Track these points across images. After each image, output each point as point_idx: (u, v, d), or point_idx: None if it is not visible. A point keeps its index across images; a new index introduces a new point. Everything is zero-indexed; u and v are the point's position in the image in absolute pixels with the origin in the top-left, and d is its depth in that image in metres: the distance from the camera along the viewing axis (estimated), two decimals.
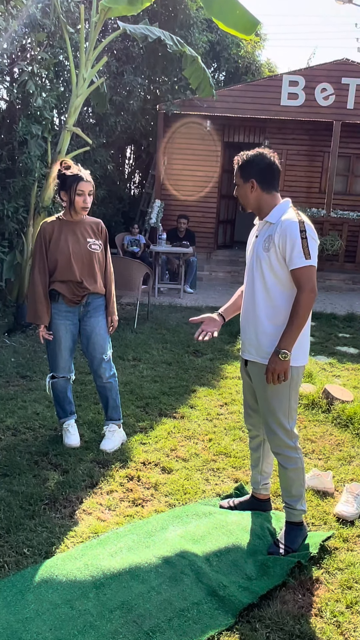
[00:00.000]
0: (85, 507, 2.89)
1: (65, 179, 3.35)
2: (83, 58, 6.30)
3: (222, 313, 2.89)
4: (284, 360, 2.48)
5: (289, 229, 2.48)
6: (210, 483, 3.24)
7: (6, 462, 3.28)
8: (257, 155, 2.62)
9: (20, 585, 2.26)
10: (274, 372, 2.50)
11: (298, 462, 2.66)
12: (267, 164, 2.61)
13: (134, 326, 6.68)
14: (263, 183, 2.61)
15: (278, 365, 2.48)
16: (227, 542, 2.63)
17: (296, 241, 2.46)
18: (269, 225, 2.59)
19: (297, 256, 2.45)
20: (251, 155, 2.63)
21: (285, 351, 2.47)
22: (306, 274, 2.46)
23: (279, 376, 2.50)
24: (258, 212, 2.66)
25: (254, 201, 2.64)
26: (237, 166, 2.67)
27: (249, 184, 2.62)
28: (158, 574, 2.37)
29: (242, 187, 2.65)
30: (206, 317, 2.85)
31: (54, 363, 3.54)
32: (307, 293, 2.46)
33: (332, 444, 3.85)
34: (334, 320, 7.73)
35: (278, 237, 2.51)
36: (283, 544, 2.63)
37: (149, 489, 3.12)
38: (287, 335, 2.48)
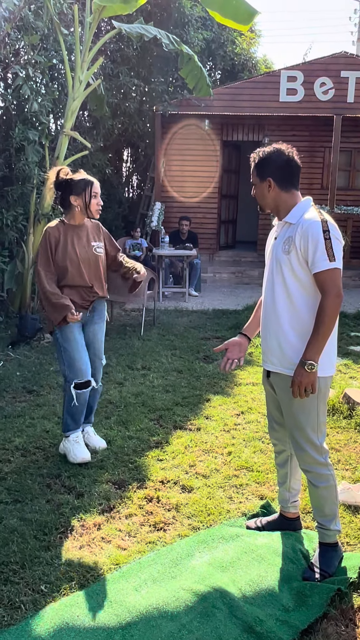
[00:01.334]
0: (103, 534, 2.71)
1: (76, 183, 3.36)
2: (78, 60, 6.13)
3: (246, 333, 2.70)
4: (311, 372, 2.29)
5: (310, 229, 2.30)
6: (234, 501, 3.05)
7: (17, 486, 3.10)
8: (274, 152, 2.44)
9: (39, 629, 2.08)
10: (301, 385, 2.31)
11: (330, 479, 2.47)
12: (285, 161, 2.43)
13: (141, 333, 6.50)
14: (281, 181, 2.42)
15: (304, 377, 2.30)
16: (259, 569, 2.44)
17: (319, 242, 2.27)
18: (289, 225, 2.41)
19: (321, 258, 2.27)
20: (268, 152, 2.45)
21: (312, 362, 2.28)
22: (331, 278, 2.27)
23: (306, 389, 2.32)
24: (277, 212, 2.48)
25: (272, 201, 2.46)
26: (254, 164, 2.48)
27: (266, 182, 2.43)
28: (188, 609, 2.18)
29: (259, 186, 2.47)
30: (230, 342, 2.66)
31: (74, 367, 3.37)
32: (333, 298, 2.27)
33: (358, 452, 3.66)
34: (344, 318, 7.54)
35: (299, 238, 2.32)
36: (319, 568, 2.44)
37: (170, 511, 2.93)
38: (312, 344, 2.29)
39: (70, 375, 3.39)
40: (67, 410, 3.45)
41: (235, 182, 12.20)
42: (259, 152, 2.48)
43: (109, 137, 9.59)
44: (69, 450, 3.41)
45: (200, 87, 7.19)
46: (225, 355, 2.65)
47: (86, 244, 3.42)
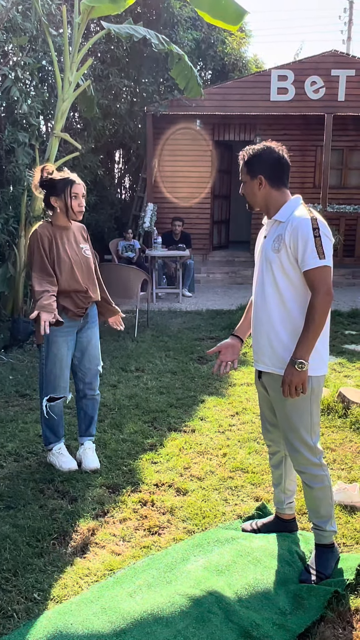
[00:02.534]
0: (97, 539, 2.67)
1: (55, 183, 3.19)
2: (67, 61, 6.09)
3: (237, 334, 2.67)
4: (301, 371, 2.26)
5: (300, 227, 2.27)
6: (229, 503, 3.02)
7: (9, 492, 3.06)
8: (265, 150, 2.41)
9: (33, 638, 2.04)
10: (291, 385, 2.28)
11: (325, 480, 2.45)
12: (276, 159, 2.41)
13: (135, 335, 6.46)
14: (272, 179, 2.40)
15: (295, 376, 2.27)
16: (255, 572, 2.41)
17: (309, 240, 2.25)
18: (279, 224, 2.38)
19: (311, 256, 2.24)
20: (258, 150, 2.42)
21: (302, 361, 2.25)
22: (321, 275, 2.25)
23: (297, 388, 2.29)
24: (266, 210, 2.45)
25: (262, 199, 2.43)
26: (243, 162, 2.44)
27: (257, 180, 2.40)
28: (183, 614, 2.15)
29: (249, 184, 2.43)
30: (222, 345, 2.63)
31: (54, 384, 3.30)
32: (323, 296, 2.24)
33: (354, 451, 3.64)
34: (338, 317, 7.53)
35: (289, 236, 2.30)
36: (315, 570, 2.42)
37: (165, 515, 2.90)
38: (302, 343, 2.26)
39: (48, 390, 3.31)
40: (44, 422, 3.38)
41: (227, 182, 12.19)
42: (248, 150, 2.45)
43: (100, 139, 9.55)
44: (54, 462, 3.37)
45: (191, 87, 7.17)
46: (219, 358, 2.62)
47: (75, 246, 3.30)
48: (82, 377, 3.44)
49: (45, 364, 3.30)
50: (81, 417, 3.49)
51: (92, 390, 3.46)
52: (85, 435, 3.48)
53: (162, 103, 9.93)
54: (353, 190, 11.21)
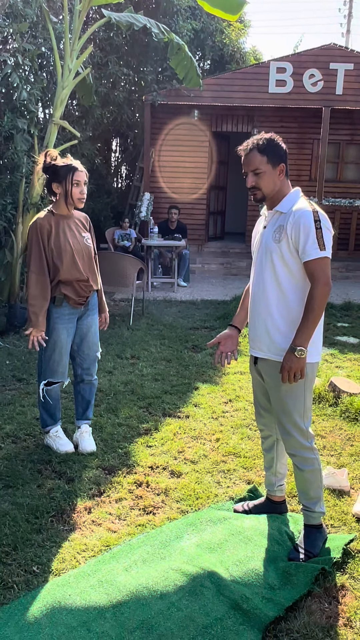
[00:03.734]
0: (94, 517, 2.76)
1: (57, 169, 3.19)
2: (68, 48, 6.10)
3: (235, 324, 2.74)
4: (300, 358, 2.35)
5: (302, 219, 2.34)
6: (222, 486, 3.12)
7: (8, 472, 3.14)
8: (276, 139, 2.44)
9: (32, 607, 2.13)
10: (290, 371, 2.37)
11: (315, 463, 2.54)
12: (285, 149, 2.47)
13: (130, 323, 6.53)
14: (286, 169, 2.45)
15: (294, 363, 2.36)
16: (246, 550, 2.51)
17: (310, 231, 2.32)
18: (280, 214, 2.45)
19: (312, 247, 2.32)
20: (271, 139, 2.41)
21: (302, 348, 2.34)
22: (321, 266, 2.33)
23: (295, 374, 2.38)
24: (274, 199, 2.47)
25: (272, 188, 2.42)
26: (257, 151, 2.40)
27: (279, 168, 2.41)
28: (177, 588, 2.24)
29: (269, 173, 2.40)
30: (221, 336, 2.70)
31: (52, 369, 3.37)
32: (322, 286, 2.33)
33: (343, 438, 3.75)
34: (331, 309, 7.62)
35: (290, 227, 2.37)
36: (303, 549, 2.52)
37: (159, 495, 2.99)
38: (302, 331, 2.35)
39: (46, 374, 3.38)
40: (41, 406, 3.45)
41: (224, 174, 12.22)
42: (261, 140, 2.42)
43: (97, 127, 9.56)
44: (51, 444, 3.44)
45: (190, 77, 7.19)
46: (219, 349, 2.68)
47: (77, 235, 3.31)
48: (80, 363, 3.51)
49: (44, 349, 3.36)
50: (78, 401, 3.57)
51: (89, 375, 3.53)
52: (82, 418, 3.56)
53: (160, 92, 9.94)
54: (349, 184, 11.28)
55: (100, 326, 3.60)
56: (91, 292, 3.38)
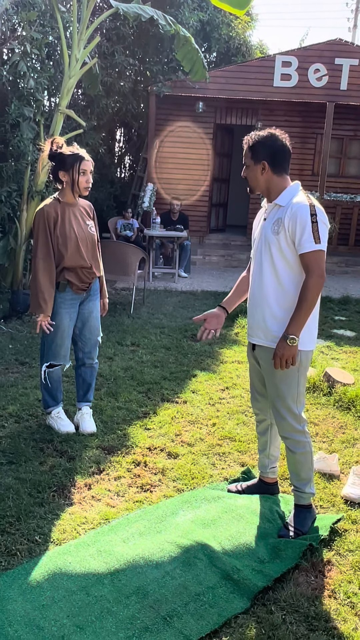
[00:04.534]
0: (93, 493, 2.89)
1: (64, 158, 3.28)
2: (75, 38, 6.16)
3: (225, 305, 2.85)
4: (292, 346, 2.46)
5: (299, 212, 2.45)
6: (217, 467, 3.24)
7: (11, 449, 3.26)
8: (270, 137, 2.57)
9: (35, 572, 2.26)
10: (282, 358, 2.48)
11: (306, 446, 2.66)
12: (279, 146, 2.57)
13: (131, 311, 6.64)
14: (274, 165, 2.56)
15: (286, 350, 2.47)
16: (238, 526, 2.64)
17: (306, 225, 2.43)
18: (279, 207, 2.56)
19: (307, 240, 2.43)
20: (264, 136, 2.57)
21: (294, 336, 2.45)
22: (315, 259, 2.44)
23: (287, 361, 2.49)
24: (267, 194, 2.62)
25: (264, 183, 2.60)
26: (248, 146, 2.60)
27: (260, 165, 2.56)
28: (172, 558, 2.37)
29: (252, 168, 2.59)
30: (209, 314, 2.80)
31: (54, 352, 3.48)
32: (316, 278, 2.43)
33: (335, 426, 3.87)
34: (329, 303, 7.74)
35: (288, 220, 2.48)
36: (293, 527, 2.65)
37: (157, 475, 3.11)
38: (295, 320, 2.46)
39: (48, 357, 3.48)
40: (43, 387, 3.57)
41: (227, 166, 12.28)
42: (254, 136, 2.60)
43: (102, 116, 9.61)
44: (53, 425, 3.56)
45: (197, 70, 7.24)
46: (203, 326, 2.79)
47: (82, 222, 3.40)
48: (82, 347, 3.62)
49: (47, 333, 3.47)
50: (79, 383, 3.68)
51: (90, 359, 3.65)
52: (82, 401, 3.68)
53: (165, 83, 9.98)
54: (351, 179, 11.35)
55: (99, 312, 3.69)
56: (93, 279, 3.48)
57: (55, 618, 2.04)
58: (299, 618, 2.14)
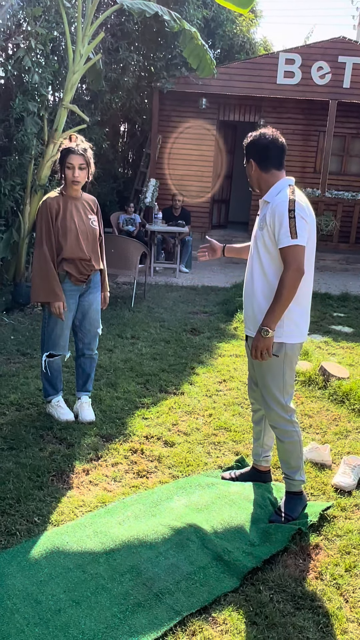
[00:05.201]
0: (91, 478, 2.98)
1: (61, 152, 3.39)
2: (80, 33, 6.23)
3: (226, 247, 3.11)
4: (266, 338, 2.54)
5: (278, 208, 2.54)
6: (211, 456, 3.33)
7: (12, 435, 3.35)
8: (256, 137, 2.70)
9: (33, 551, 2.35)
10: (257, 349, 2.57)
11: (294, 435, 2.74)
12: (264, 145, 2.66)
13: (132, 305, 6.73)
14: (260, 163, 2.67)
15: (260, 342, 2.56)
16: (230, 511, 2.72)
17: (284, 220, 2.50)
18: (266, 204, 2.66)
19: (284, 235, 2.50)
20: (253, 137, 2.72)
21: (266, 328, 2.53)
22: (292, 253, 2.50)
23: (262, 353, 2.57)
24: (260, 191, 2.73)
25: (255, 180, 2.73)
26: (244, 145, 2.73)
27: (250, 164, 2.70)
28: (165, 540, 2.46)
29: (247, 167, 2.75)
30: (213, 244, 3.10)
31: (54, 342, 3.57)
32: (292, 272, 2.49)
33: (329, 419, 3.95)
34: (328, 299, 7.81)
35: (269, 216, 2.58)
36: (284, 513, 2.73)
37: (153, 462, 3.20)
38: (269, 313, 2.54)
39: (48, 346, 3.57)
40: (44, 376, 3.66)
41: (230, 162, 12.34)
42: (247, 137, 2.74)
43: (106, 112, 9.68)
44: (53, 413, 3.65)
45: (204, 66, 7.27)
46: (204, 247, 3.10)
47: (84, 216, 3.48)
48: (81, 338, 3.70)
49: (47, 323, 3.56)
50: (79, 373, 3.77)
51: (90, 350, 3.73)
52: (82, 390, 3.77)
53: (169, 79, 10.04)
54: (352, 177, 11.40)
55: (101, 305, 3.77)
56: (93, 271, 3.56)
57: (52, 593, 2.14)
58: (286, 597, 2.23)
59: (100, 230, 3.65)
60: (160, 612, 2.09)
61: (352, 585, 2.32)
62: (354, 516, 2.80)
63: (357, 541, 2.58)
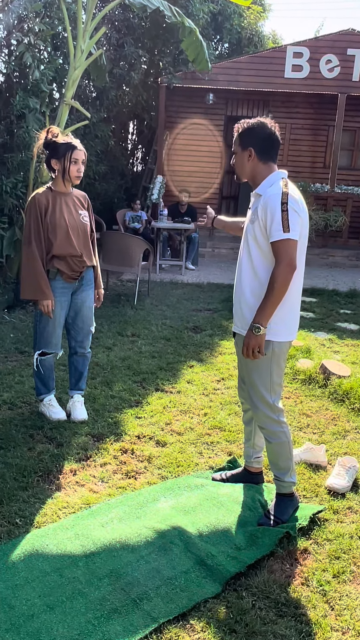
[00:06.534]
0: (78, 479, 2.92)
1: (57, 146, 3.31)
2: (81, 29, 6.18)
3: (216, 218, 3.11)
4: (257, 335, 2.46)
5: (270, 201, 2.45)
6: (204, 456, 3.26)
7: (1, 435, 3.31)
8: (258, 124, 2.58)
9: (12, 554, 2.30)
10: (248, 347, 2.49)
11: (282, 437, 2.65)
12: (268, 134, 2.57)
13: (134, 302, 6.67)
14: (261, 153, 2.57)
15: (252, 339, 2.47)
16: (218, 514, 2.65)
17: (275, 213, 2.41)
18: (258, 197, 2.56)
19: (276, 229, 2.41)
20: (252, 123, 2.59)
21: (258, 325, 2.45)
22: (284, 248, 2.41)
23: (254, 350, 2.49)
24: (252, 182, 2.63)
25: (250, 170, 2.60)
26: (237, 134, 2.62)
27: (247, 152, 2.57)
28: (148, 543, 2.40)
29: (239, 155, 2.61)
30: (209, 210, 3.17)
31: (46, 340, 3.52)
32: (284, 267, 2.41)
33: (328, 418, 3.86)
34: (335, 296, 7.69)
35: (261, 209, 2.48)
36: (273, 515, 2.65)
37: (143, 462, 3.14)
38: (261, 309, 2.46)
39: (40, 345, 3.53)
40: (36, 375, 3.61)
41: None
42: (243, 123, 2.62)
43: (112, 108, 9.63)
44: (44, 412, 3.61)
45: (200, 60, 7.21)
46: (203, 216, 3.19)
47: (74, 212, 3.43)
48: (74, 336, 3.65)
49: (39, 321, 3.51)
50: (72, 372, 3.72)
51: (82, 348, 3.68)
52: (74, 389, 3.72)
53: (175, 75, 9.96)
54: None
55: (94, 303, 3.71)
56: (85, 268, 3.50)
57: (27, 597, 2.09)
58: (269, 604, 2.15)
59: (92, 226, 3.59)
60: (136, 618, 2.02)
61: (339, 591, 2.24)
62: (346, 519, 2.71)
63: (348, 545, 2.50)
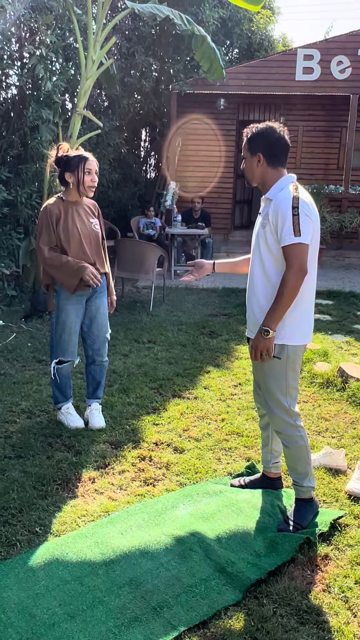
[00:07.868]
0: (97, 486, 2.93)
1: (69, 159, 3.37)
2: (91, 39, 6.24)
3: (216, 263, 2.97)
4: (266, 338, 2.46)
5: (281, 205, 2.45)
6: (222, 462, 3.25)
7: (20, 444, 3.34)
8: (266, 129, 2.59)
9: (32, 562, 2.31)
10: (256, 350, 2.50)
11: (299, 441, 2.63)
12: (276, 138, 2.57)
13: (150, 309, 6.69)
14: (270, 157, 2.57)
15: (260, 342, 2.47)
16: (237, 520, 2.64)
17: (287, 217, 2.41)
18: (269, 201, 2.57)
19: (287, 233, 2.41)
20: (261, 128, 2.60)
21: (267, 329, 2.45)
22: (295, 252, 2.41)
23: (262, 354, 2.48)
24: (262, 187, 2.63)
25: (259, 175, 2.61)
26: (246, 139, 2.63)
27: (256, 157, 2.58)
28: (167, 551, 2.39)
29: (249, 160, 2.62)
30: (197, 262, 2.96)
31: (62, 348, 3.55)
32: (294, 271, 2.41)
33: (347, 422, 3.82)
34: (352, 298, 7.62)
35: (272, 214, 2.48)
36: (292, 521, 2.63)
37: (161, 469, 3.14)
38: (270, 313, 2.46)
39: (57, 353, 3.55)
40: (53, 383, 3.64)
41: None
42: (252, 128, 2.63)
43: (124, 117, 9.69)
44: (62, 420, 3.63)
45: (214, 69, 7.21)
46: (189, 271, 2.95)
47: (86, 220, 3.47)
48: (90, 344, 3.67)
49: (55, 329, 3.55)
50: (89, 380, 3.74)
51: (100, 356, 3.69)
52: (92, 397, 3.73)
53: (186, 82, 9.99)
54: None
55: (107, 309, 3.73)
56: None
57: (48, 606, 2.09)
58: (290, 611, 2.13)
59: (103, 233, 3.62)
60: (156, 626, 2.02)
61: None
62: None
63: None
